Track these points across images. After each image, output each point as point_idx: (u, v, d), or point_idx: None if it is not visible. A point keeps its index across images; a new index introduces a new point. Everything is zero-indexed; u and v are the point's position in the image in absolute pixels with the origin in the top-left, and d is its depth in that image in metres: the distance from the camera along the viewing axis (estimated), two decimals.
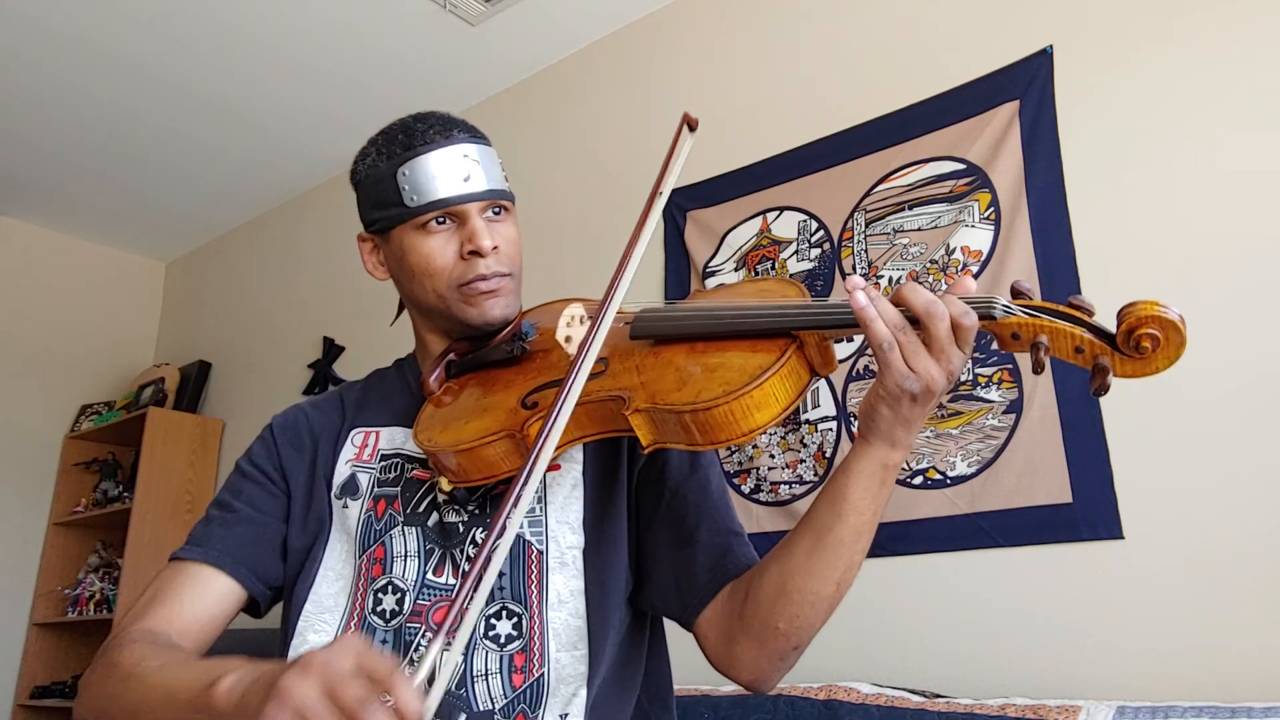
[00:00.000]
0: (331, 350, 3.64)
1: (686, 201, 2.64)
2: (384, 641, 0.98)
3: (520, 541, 0.98)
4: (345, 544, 1.04)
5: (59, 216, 4.21)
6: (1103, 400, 1.83)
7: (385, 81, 3.25)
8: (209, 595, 1.00)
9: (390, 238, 1.06)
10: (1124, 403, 1.81)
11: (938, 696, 1.72)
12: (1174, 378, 1.90)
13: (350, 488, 1.06)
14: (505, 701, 0.93)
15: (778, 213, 2.44)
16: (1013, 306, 0.78)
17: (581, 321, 1.00)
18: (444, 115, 1.07)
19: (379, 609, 0.99)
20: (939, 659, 1.93)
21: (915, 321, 0.78)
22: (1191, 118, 1.88)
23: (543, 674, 0.94)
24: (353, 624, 0.99)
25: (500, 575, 0.97)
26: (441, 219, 1.03)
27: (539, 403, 0.92)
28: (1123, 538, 1.78)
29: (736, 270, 2.47)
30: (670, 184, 1.03)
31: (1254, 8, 1.85)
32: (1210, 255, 1.80)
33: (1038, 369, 0.75)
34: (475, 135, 1.07)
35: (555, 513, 1.00)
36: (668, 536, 1.01)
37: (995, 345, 0.79)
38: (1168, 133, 1.90)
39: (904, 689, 1.77)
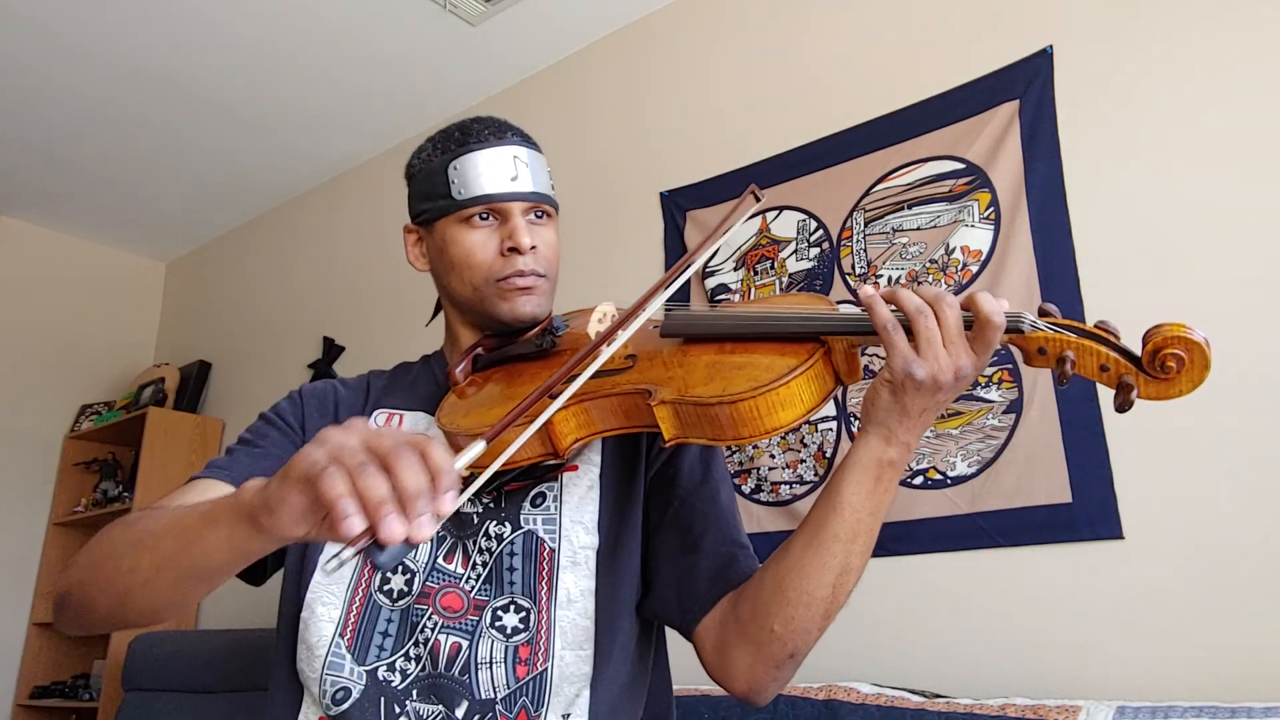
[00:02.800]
0: (331, 350, 3.64)
1: (686, 201, 2.64)
2: (389, 620, 0.98)
3: (533, 538, 0.98)
4: None
5: (59, 216, 4.21)
6: (1102, 400, 1.83)
7: (385, 81, 3.25)
8: None
9: (434, 229, 1.09)
10: None
11: (938, 696, 1.72)
12: None
13: None
14: (508, 692, 0.93)
15: (777, 212, 2.44)
16: (1039, 323, 0.79)
17: (613, 319, 1.01)
18: (501, 120, 1.11)
19: (385, 587, 0.99)
20: (939, 659, 1.93)
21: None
22: (1192, 117, 1.88)
23: (546, 669, 0.94)
24: (358, 598, 0.99)
25: (511, 570, 0.97)
26: (485, 215, 1.06)
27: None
28: (1123, 538, 1.78)
29: (736, 270, 2.47)
30: (723, 239, 1.07)
31: (1254, 7, 1.85)
32: (1211, 255, 1.79)
33: (1062, 381, 0.77)
34: (528, 141, 1.11)
35: (570, 512, 1.00)
36: (673, 543, 1.01)
37: (1021, 360, 0.81)
38: (1168, 132, 1.90)
39: (904, 689, 1.76)
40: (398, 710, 0.94)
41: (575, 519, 1.00)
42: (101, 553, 0.84)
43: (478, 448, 0.65)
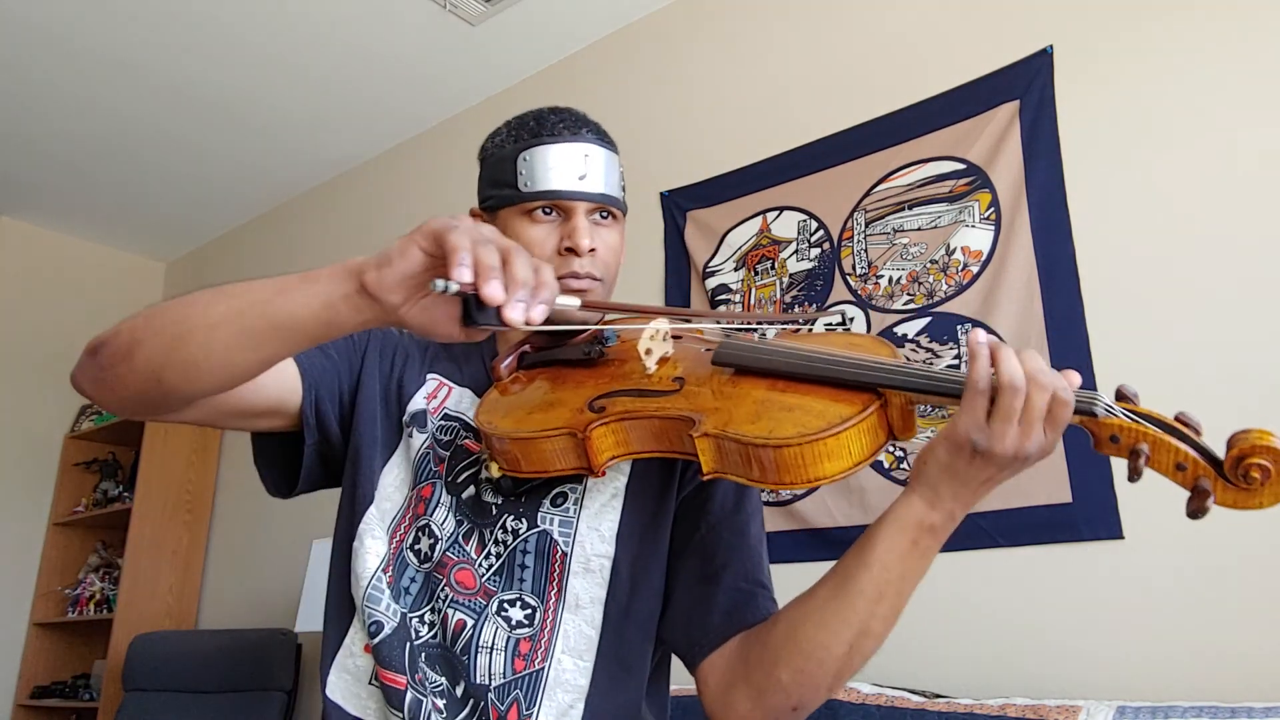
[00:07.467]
0: None
1: (686, 201, 2.64)
2: (413, 580, 0.98)
3: (547, 539, 0.97)
4: (404, 468, 1.04)
5: (59, 216, 4.21)
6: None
7: (385, 82, 3.25)
8: (275, 369, 0.95)
9: (498, 217, 1.07)
10: None
11: (938, 696, 1.72)
12: (1173, 377, 1.87)
13: (420, 420, 1.06)
14: (503, 682, 0.93)
15: (777, 212, 2.44)
16: (1115, 408, 0.75)
17: (665, 339, 0.98)
18: (580, 114, 1.09)
19: (416, 546, 1.00)
20: (939, 659, 1.93)
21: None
22: (1191, 117, 1.88)
23: (543, 668, 0.94)
24: (395, 543, 1.00)
25: (523, 568, 0.97)
26: (548, 210, 1.04)
27: (606, 408, 0.90)
28: (1123, 538, 1.78)
29: (736, 270, 2.47)
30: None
31: (1254, 7, 1.85)
32: (1210, 255, 1.80)
33: (1134, 477, 0.72)
34: (603, 139, 1.07)
35: (588, 518, 0.99)
36: (693, 570, 0.99)
37: (1091, 445, 0.76)
38: (1167, 132, 1.90)
39: (904, 689, 1.77)
40: (417, 663, 0.94)
41: (592, 525, 0.98)
42: (173, 300, 0.85)
43: (659, 323, 0.80)
